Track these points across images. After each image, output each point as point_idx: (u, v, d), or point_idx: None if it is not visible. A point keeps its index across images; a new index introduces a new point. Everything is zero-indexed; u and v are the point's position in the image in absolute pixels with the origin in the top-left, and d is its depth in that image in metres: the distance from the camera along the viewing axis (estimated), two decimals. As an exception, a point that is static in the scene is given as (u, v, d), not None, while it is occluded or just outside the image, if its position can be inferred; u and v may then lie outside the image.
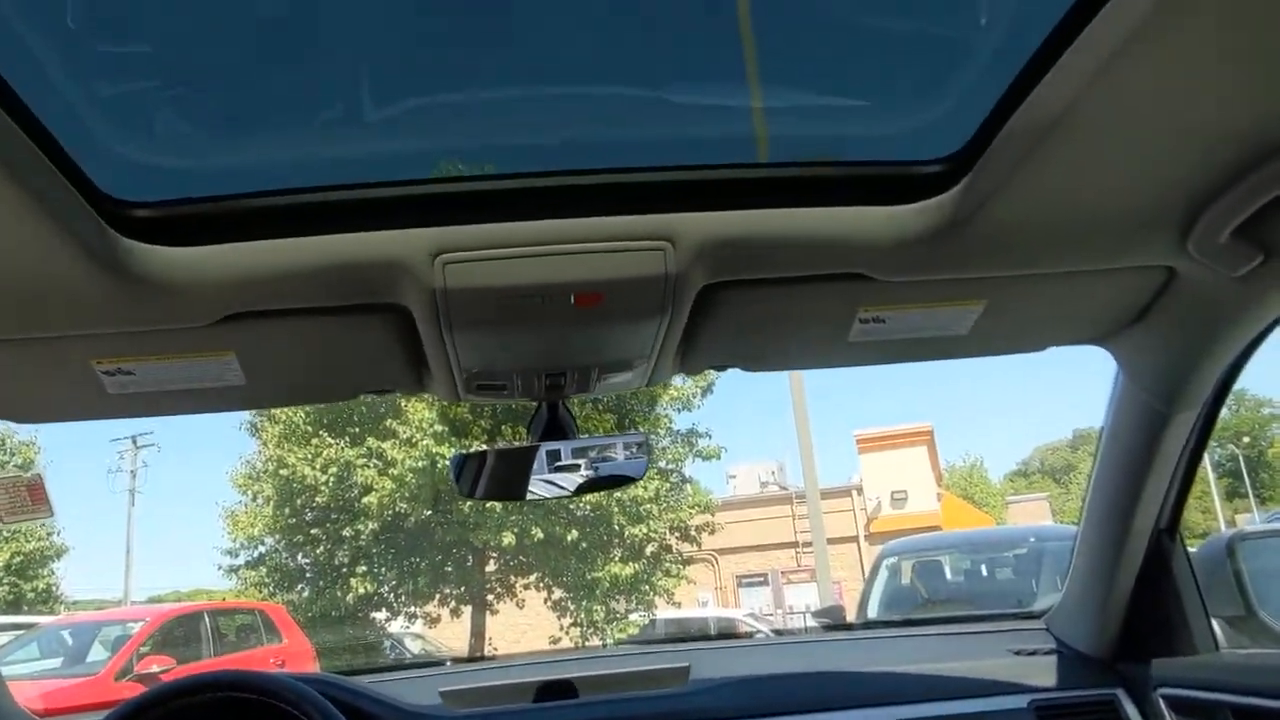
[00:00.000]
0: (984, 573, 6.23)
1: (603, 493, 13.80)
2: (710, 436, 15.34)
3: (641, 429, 14.95)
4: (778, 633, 7.27)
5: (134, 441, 25.66)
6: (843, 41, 1.06)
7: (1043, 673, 1.68)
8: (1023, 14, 0.95)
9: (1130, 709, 1.62)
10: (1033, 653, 1.74)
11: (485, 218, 1.01)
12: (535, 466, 1.46)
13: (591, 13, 1.04)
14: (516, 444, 1.50)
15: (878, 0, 1.06)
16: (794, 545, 21.53)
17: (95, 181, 0.95)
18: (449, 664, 2.24)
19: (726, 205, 1.03)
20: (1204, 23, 0.78)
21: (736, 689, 1.63)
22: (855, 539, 20.86)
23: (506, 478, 1.51)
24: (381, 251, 1.02)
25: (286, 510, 14.47)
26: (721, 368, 1.40)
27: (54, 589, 20.23)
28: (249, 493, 14.95)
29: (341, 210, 1.02)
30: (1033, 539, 6.13)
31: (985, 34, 1.02)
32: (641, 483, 14.47)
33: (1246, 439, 34.45)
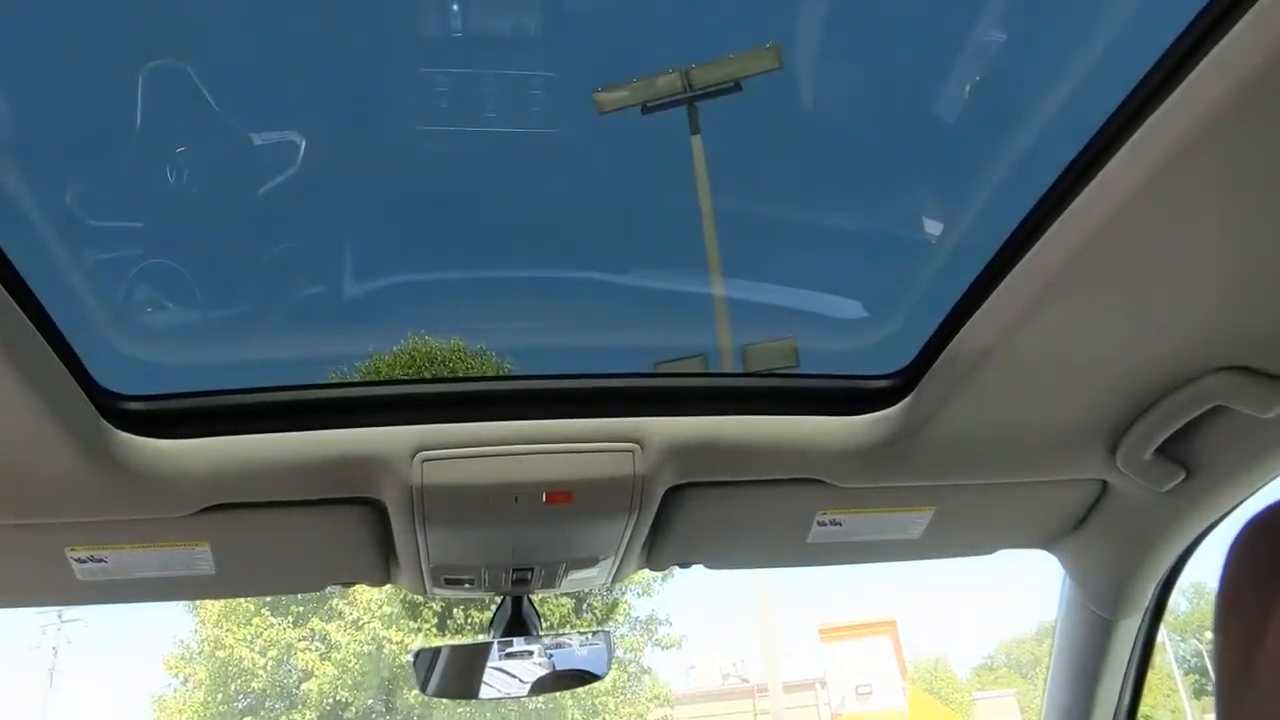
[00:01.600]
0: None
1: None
2: (670, 624, 14.91)
3: (598, 611, 14.50)
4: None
5: (59, 616, 24.19)
6: (803, 268, 1.18)
7: None
8: (964, 247, 1.08)
9: None
10: None
11: (464, 416, 1.07)
12: (494, 663, 1.44)
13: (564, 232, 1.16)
14: (476, 640, 1.50)
15: (834, 216, 1.20)
16: (756, 743, 20.43)
17: (93, 374, 0.99)
18: None
19: (692, 411, 1.10)
20: (1113, 278, 0.90)
21: None
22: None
23: (464, 674, 1.48)
24: (363, 448, 1.06)
25: (219, 695, 13.56)
26: (685, 565, 1.43)
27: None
28: (180, 675, 14.04)
29: (326, 407, 1.08)
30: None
31: (930, 263, 1.15)
32: (598, 673, 13.86)
33: (1209, 634, 34.07)
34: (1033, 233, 0.89)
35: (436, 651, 1.53)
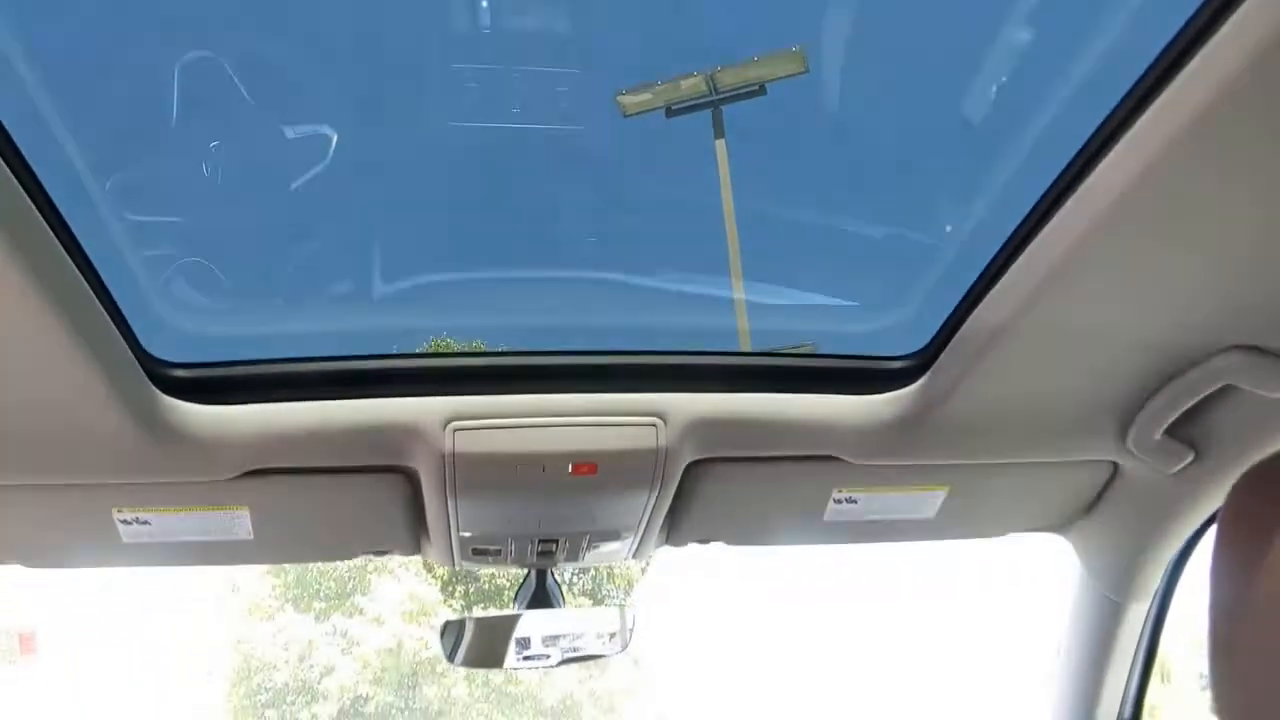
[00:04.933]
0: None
1: (580, 672, 13.19)
2: (687, 626, 14.87)
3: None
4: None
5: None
6: (822, 250, 1.23)
7: None
8: (981, 231, 1.12)
9: None
10: None
11: (495, 390, 1.13)
12: (518, 635, 1.50)
13: (593, 213, 1.21)
14: (502, 613, 1.55)
15: (853, 214, 1.25)
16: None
17: (143, 342, 1.06)
18: None
19: (714, 388, 1.15)
20: (1126, 256, 0.93)
21: None
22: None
23: (489, 645, 1.53)
24: (398, 416, 1.12)
25: (241, 689, 13.69)
26: (705, 542, 1.47)
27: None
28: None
29: (363, 377, 1.14)
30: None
31: (946, 248, 1.19)
32: (614, 672, 13.88)
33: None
34: (1047, 213, 0.92)
35: (463, 623, 1.58)
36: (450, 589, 13.51)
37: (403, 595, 12.96)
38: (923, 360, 1.15)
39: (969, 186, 1.14)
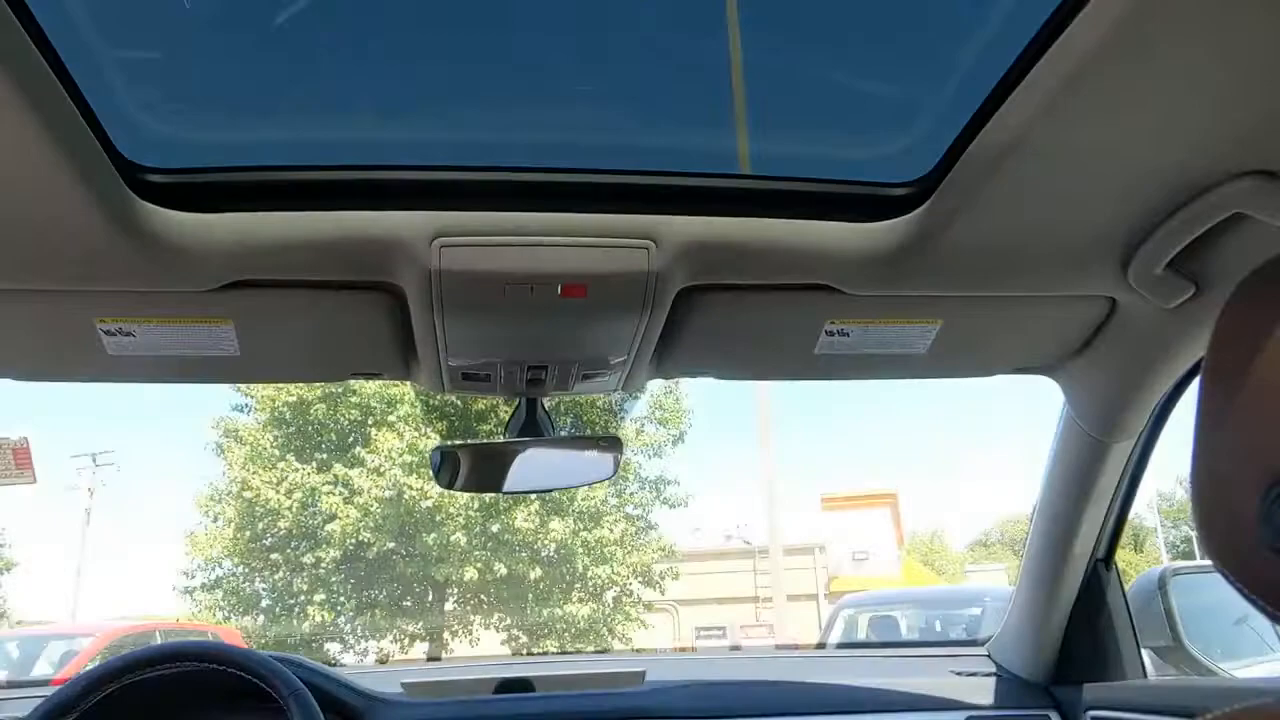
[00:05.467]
0: (938, 628, 6.30)
1: (575, 524, 13.71)
2: (678, 484, 15.37)
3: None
4: (734, 648, 7.29)
5: (94, 459, 25.20)
6: (823, 71, 1.17)
7: (981, 693, 1.75)
8: (984, 53, 1.07)
9: None
10: (973, 674, 1.81)
11: (482, 205, 1.10)
12: (511, 461, 1.52)
13: (588, 26, 1.14)
14: (494, 439, 1.57)
15: (856, 33, 1.18)
16: (754, 600, 21.39)
17: (118, 145, 1.02)
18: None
19: (708, 211, 1.12)
20: (1139, 70, 0.89)
21: (691, 691, 1.69)
22: (815, 597, 20.78)
23: (482, 470, 1.56)
24: (382, 230, 1.09)
25: (247, 534, 14.24)
26: (695, 374, 1.48)
27: (0, 603, 19.64)
28: (210, 514, 14.71)
29: (347, 189, 1.10)
30: (988, 599, 6.21)
31: (949, 72, 1.14)
32: (608, 525, 14.45)
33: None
34: (1055, 31, 0.88)
35: (455, 449, 1.61)
36: (449, 440, 13.84)
37: (402, 447, 13.29)
38: (924, 187, 1.11)
39: (975, 6, 1.08)
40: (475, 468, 1.56)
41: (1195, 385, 1.24)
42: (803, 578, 20.38)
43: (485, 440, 1.69)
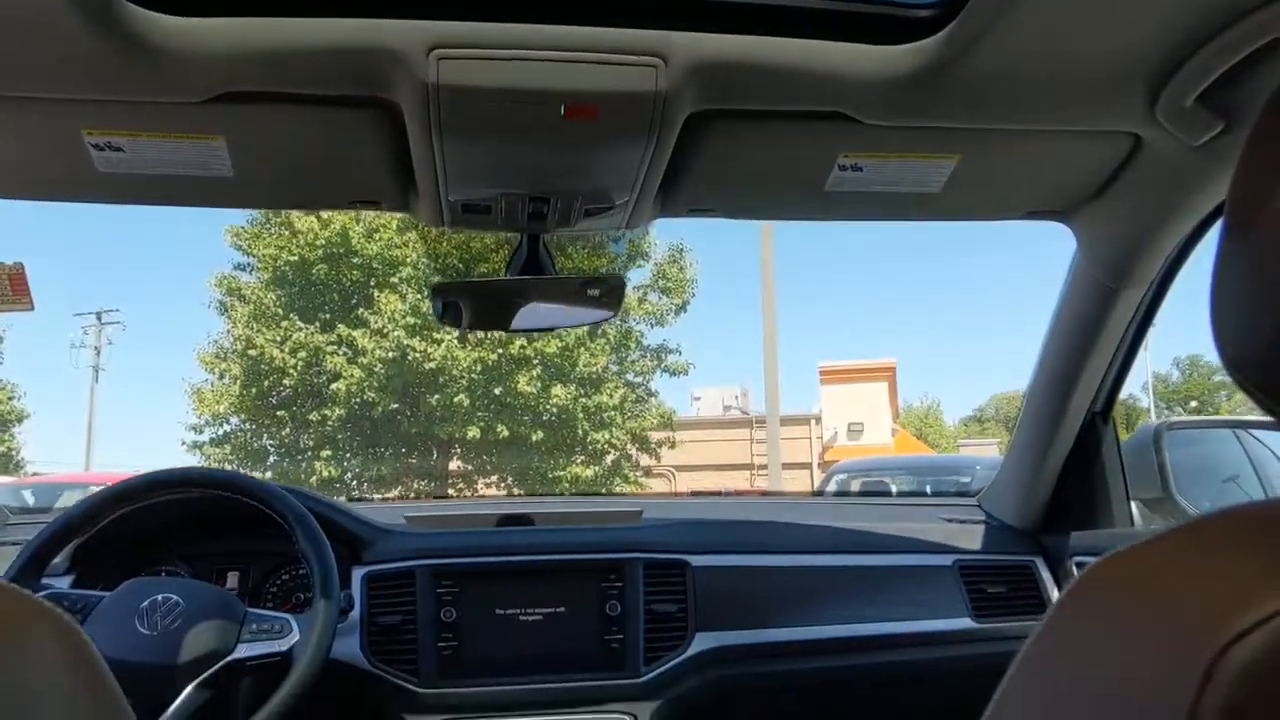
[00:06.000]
0: (929, 493, 6.47)
1: (575, 390, 13.93)
2: (680, 353, 15.52)
3: (612, 337, 15.06)
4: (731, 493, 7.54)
5: (98, 317, 25.39)
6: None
7: (970, 539, 1.80)
8: None
9: (1045, 575, 1.75)
10: (963, 522, 1.86)
11: (483, 15, 1.04)
12: (513, 299, 1.51)
13: None
14: (495, 277, 1.55)
15: None
16: (750, 468, 21.98)
17: None
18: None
19: (720, 28, 1.06)
20: None
21: (688, 528, 1.73)
22: (809, 465, 21.33)
23: (484, 308, 1.55)
24: (378, 39, 1.04)
25: (254, 391, 14.49)
26: (701, 211, 1.44)
27: (14, 454, 20.19)
28: (216, 371, 14.92)
29: None
30: (978, 467, 6.37)
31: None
32: (608, 390, 14.68)
33: (1194, 403, 35.41)
34: None
35: (457, 286, 1.59)
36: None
37: (405, 309, 13.34)
38: (948, 9, 1.05)
39: None
40: (477, 305, 1.54)
41: (1211, 232, 1.21)
42: (798, 447, 20.86)
43: (486, 278, 1.66)
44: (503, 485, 15.02)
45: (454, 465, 15.10)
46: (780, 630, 1.63)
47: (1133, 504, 1.72)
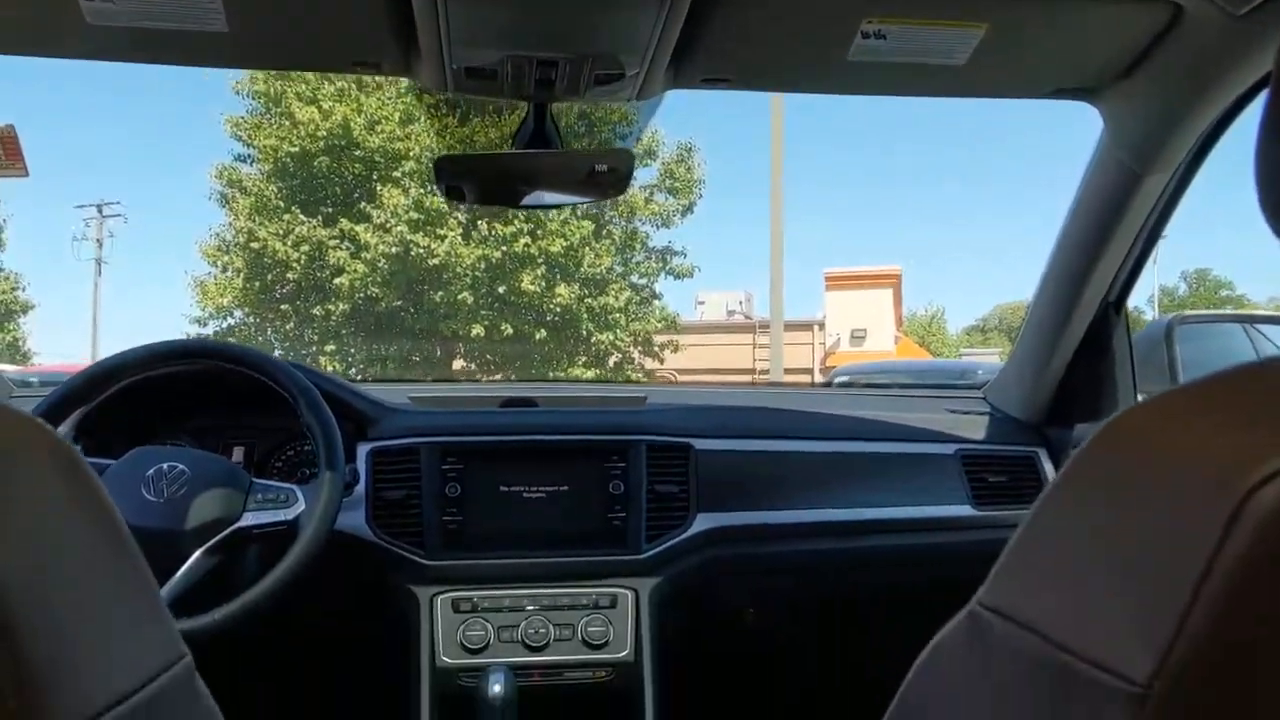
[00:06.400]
0: (931, 397, 6.50)
1: (580, 290, 13.88)
2: (685, 255, 15.40)
3: (617, 238, 14.93)
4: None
5: (99, 209, 25.14)
6: None
7: (974, 429, 1.80)
8: None
9: (1047, 466, 1.76)
10: (967, 413, 1.86)
11: None
12: (519, 173, 1.46)
13: None
14: (501, 150, 1.50)
15: None
16: (752, 373, 22.08)
17: None
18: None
19: None
20: None
21: (692, 412, 1.73)
22: (811, 372, 21.43)
23: (490, 183, 1.50)
24: None
25: (257, 284, 14.46)
26: (714, 82, 1.38)
27: (20, 344, 20.30)
28: (219, 264, 14.85)
29: None
30: (980, 372, 6.36)
31: None
32: (612, 292, 14.63)
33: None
34: None
35: (461, 160, 1.54)
36: (455, 202, 13.71)
37: (408, 204, 13.18)
38: None
39: None
40: (482, 180, 1.49)
41: (1244, 113, 1.15)
42: (801, 353, 20.91)
43: (491, 152, 1.61)
44: (507, 383, 15.13)
45: (458, 364, 15.18)
46: (781, 513, 1.65)
47: (1139, 397, 1.71)
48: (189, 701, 0.59)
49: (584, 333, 14.39)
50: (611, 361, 15.13)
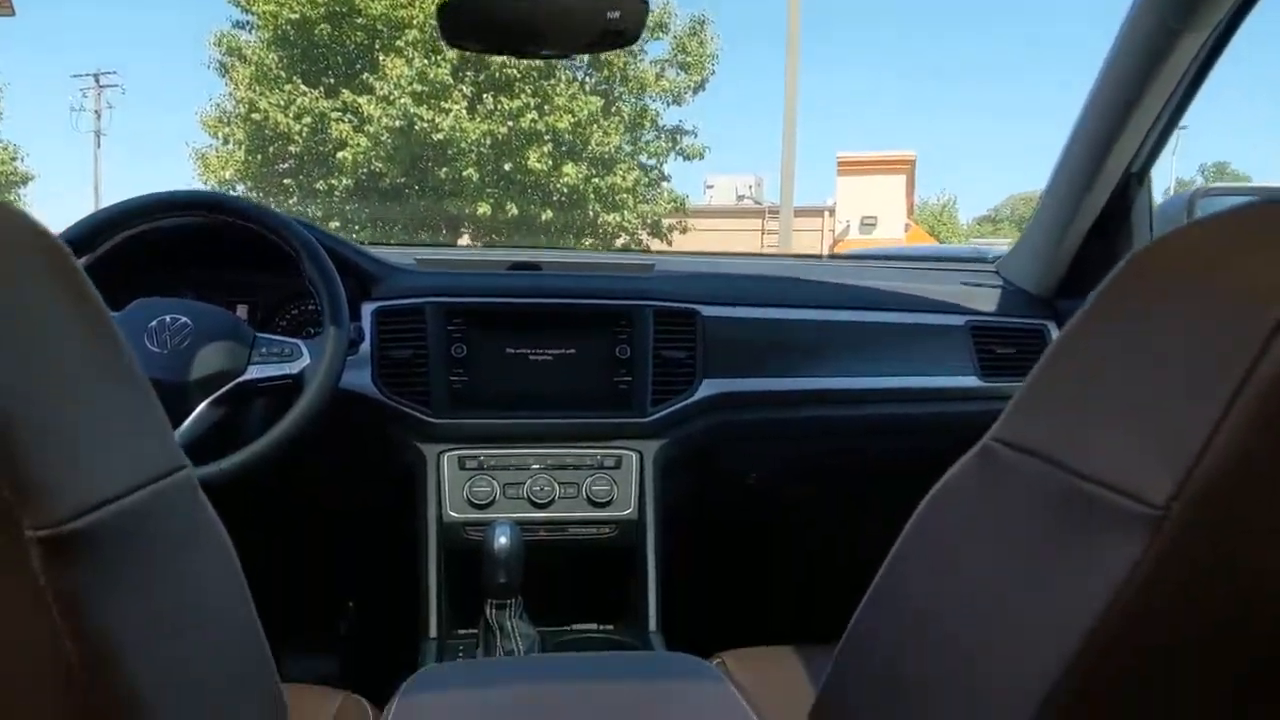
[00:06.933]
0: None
1: (587, 170, 13.62)
2: (696, 135, 15.03)
3: (626, 117, 14.54)
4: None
5: (96, 80, 24.46)
6: None
7: (985, 301, 1.78)
8: None
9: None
10: (979, 285, 1.83)
11: None
12: (525, 16, 1.39)
13: None
14: None
15: None
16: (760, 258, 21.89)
17: None
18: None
19: None
20: None
21: (701, 280, 1.71)
22: (819, 258, 21.21)
23: (494, 26, 1.43)
24: None
25: (259, 157, 14.20)
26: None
27: (20, 214, 20.07)
28: (219, 135, 14.55)
29: None
30: (990, 256, 6.29)
31: None
32: (620, 172, 14.35)
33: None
34: None
35: (467, 3, 1.47)
36: (460, 74, 13.32)
37: (412, 75, 12.79)
38: None
39: None
40: (487, 24, 1.42)
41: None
42: (810, 240, 20.67)
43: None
44: (512, 264, 15.05)
45: (463, 241, 15.06)
46: (786, 379, 1.65)
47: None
48: (190, 507, 0.60)
49: (591, 213, 14.21)
50: (619, 243, 14.99)
